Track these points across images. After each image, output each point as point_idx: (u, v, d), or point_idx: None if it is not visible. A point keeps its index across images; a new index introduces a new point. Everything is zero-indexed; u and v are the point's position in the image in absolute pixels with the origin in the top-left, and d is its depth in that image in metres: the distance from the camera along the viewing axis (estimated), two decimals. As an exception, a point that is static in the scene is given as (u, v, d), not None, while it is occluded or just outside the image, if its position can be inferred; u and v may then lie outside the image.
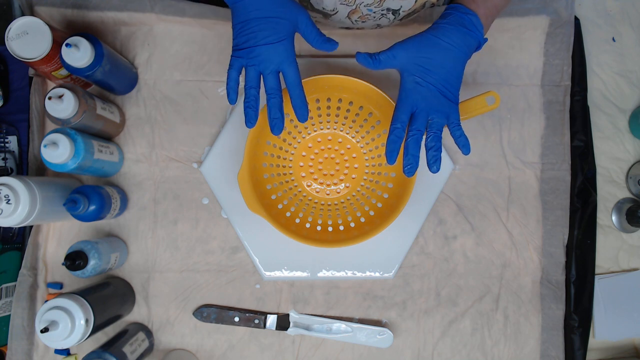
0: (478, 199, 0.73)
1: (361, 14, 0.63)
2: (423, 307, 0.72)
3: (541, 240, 0.73)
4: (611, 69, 0.76)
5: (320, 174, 0.71)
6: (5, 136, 0.72)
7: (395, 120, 0.53)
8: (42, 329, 0.55)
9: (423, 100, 0.54)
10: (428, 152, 0.53)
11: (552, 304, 0.72)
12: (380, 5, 0.61)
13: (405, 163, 0.53)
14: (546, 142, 0.73)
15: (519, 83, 0.74)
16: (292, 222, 0.67)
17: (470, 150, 0.55)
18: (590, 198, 0.72)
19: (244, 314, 0.71)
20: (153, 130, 0.72)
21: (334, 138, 0.71)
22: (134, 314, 0.71)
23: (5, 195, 0.58)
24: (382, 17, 0.64)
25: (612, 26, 0.76)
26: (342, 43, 0.73)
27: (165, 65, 0.73)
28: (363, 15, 0.63)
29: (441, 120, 0.53)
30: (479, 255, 0.72)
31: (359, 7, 0.62)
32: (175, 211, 0.72)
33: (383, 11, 0.62)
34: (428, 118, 0.53)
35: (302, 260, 0.71)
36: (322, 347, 0.71)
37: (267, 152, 0.68)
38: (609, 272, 0.74)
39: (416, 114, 0.53)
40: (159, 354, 0.70)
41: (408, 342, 0.72)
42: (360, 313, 0.72)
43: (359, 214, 0.68)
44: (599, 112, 0.75)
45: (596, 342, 0.74)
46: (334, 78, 0.63)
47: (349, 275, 0.71)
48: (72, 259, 0.61)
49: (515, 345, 0.72)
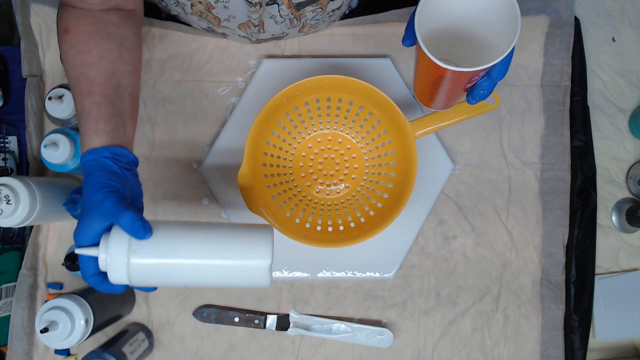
0: (478, 199, 0.73)
1: (311, 25, 0.66)
2: (423, 307, 0.72)
3: (541, 240, 0.73)
4: (611, 69, 0.76)
5: (320, 174, 0.71)
6: (5, 136, 0.72)
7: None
8: (42, 329, 0.55)
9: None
10: (477, 90, 0.52)
11: (552, 304, 0.72)
12: (324, 11, 0.62)
13: (475, 94, 0.52)
14: (546, 142, 0.73)
15: (519, 83, 0.74)
16: (292, 222, 0.67)
17: (475, 102, 0.54)
18: (590, 198, 0.72)
19: (244, 314, 0.71)
20: (153, 130, 0.72)
21: (334, 138, 0.71)
22: (134, 314, 0.71)
23: (5, 195, 0.58)
24: (330, 17, 0.66)
25: (612, 26, 0.76)
26: (342, 43, 0.74)
27: (165, 65, 0.73)
28: (313, 25, 0.66)
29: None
30: (479, 255, 0.72)
31: (306, 22, 0.64)
32: (175, 211, 0.72)
33: (329, 14, 0.64)
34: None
35: (302, 260, 0.71)
36: (322, 347, 0.71)
37: (267, 152, 0.68)
38: (609, 272, 0.74)
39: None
40: (160, 354, 0.70)
41: (408, 342, 0.72)
42: (360, 313, 0.72)
43: (359, 214, 0.68)
44: (599, 112, 0.75)
45: (596, 342, 0.74)
46: (334, 78, 0.63)
47: (349, 275, 0.71)
48: (72, 259, 0.61)
49: (515, 346, 0.72)
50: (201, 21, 0.63)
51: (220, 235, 0.50)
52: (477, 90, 0.52)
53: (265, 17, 0.60)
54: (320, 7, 0.61)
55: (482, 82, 0.51)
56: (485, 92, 0.52)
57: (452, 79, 0.50)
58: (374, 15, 0.72)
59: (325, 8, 0.62)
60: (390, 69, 0.72)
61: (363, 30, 0.73)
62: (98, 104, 0.51)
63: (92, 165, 0.50)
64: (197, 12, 0.60)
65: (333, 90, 0.66)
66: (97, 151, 0.50)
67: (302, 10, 0.60)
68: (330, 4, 0.61)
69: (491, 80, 0.51)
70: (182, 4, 0.59)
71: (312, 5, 0.60)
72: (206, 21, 0.62)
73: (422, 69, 0.53)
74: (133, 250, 0.47)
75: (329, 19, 0.67)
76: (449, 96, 0.57)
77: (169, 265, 0.48)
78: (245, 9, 0.57)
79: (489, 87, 0.51)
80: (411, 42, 0.51)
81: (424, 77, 0.54)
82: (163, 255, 0.47)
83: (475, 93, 0.52)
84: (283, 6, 0.58)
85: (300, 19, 0.62)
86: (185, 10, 0.61)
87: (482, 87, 0.51)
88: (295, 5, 0.58)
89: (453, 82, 0.51)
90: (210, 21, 0.62)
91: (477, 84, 0.52)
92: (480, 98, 0.52)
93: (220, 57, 0.73)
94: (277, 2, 0.57)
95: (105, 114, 0.51)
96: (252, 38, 0.66)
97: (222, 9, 0.58)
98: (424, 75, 0.53)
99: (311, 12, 0.61)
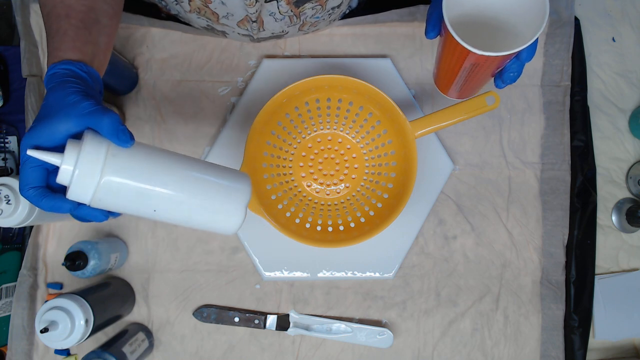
0: (478, 199, 0.73)
1: (311, 23, 0.65)
2: (423, 307, 0.72)
3: (541, 241, 0.73)
4: (611, 69, 0.76)
5: (320, 174, 0.71)
6: (5, 136, 0.72)
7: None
8: (41, 329, 0.55)
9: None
10: (506, 74, 0.53)
11: (552, 304, 0.72)
12: (324, 9, 0.62)
13: (505, 77, 0.53)
14: (546, 142, 0.73)
15: (519, 83, 0.74)
16: (292, 222, 0.67)
17: (504, 86, 0.54)
18: (590, 198, 0.72)
19: (244, 314, 0.71)
20: (153, 130, 0.72)
21: (333, 138, 0.71)
22: (134, 314, 0.71)
23: (5, 195, 0.58)
24: (330, 16, 0.66)
25: (612, 26, 0.76)
26: (342, 43, 0.74)
27: (165, 65, 0.73)
28: (313, 23, 0.65)
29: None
30: (479, 255, 0.72)
31: (306, 20, 0.64)
32: (175, 211, 0.72)
33: (328, 12, 0.64)
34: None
35: (302, 260, 0.71)
36: (322, 348, 0.71)
37: (267, 152, 0.68)
38: (609, 272, 0.74)
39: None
40: (160, 354, 0.70)
41: (408, 342, 0.72)
42: (360, 313, 0.72)
43: (359, 214, 0.68)
44: (599, 112, 0.75)
45: (596, 342, 0.74)
46: (334, 78, 0.63)
47: (349, 275, 0.71)
48: (72, 260, 0.61)
49: (515, 346, 0.72)
50: (200, 19, 0.63)
51: (201, 170, 0.46)
52: (506, 74, 0.53)
53: (264, 15, 0.60)
54: (319, 3, 0.61)
55: (511, 65, 0.52)
56: (515, 75, 0.53)
57: (485, 65, 0.51)
58: (374, 15, 0.72)
59: (325, 5, 0.62)
60: (390, 69, 0.72)
61: (363, 30, 0.73)
62: (76, 27, 0.46)
63: (68, 73, 0.44)
64: (195, 8, 0.60)
65: (333, 90, 0.66)
66: (74, 63, 0.44)
67: (302, 7, 0.60)
68: (329, 1, 0.61)
69: (520, 62, 0.51)
70: (181, 1, 0.59)
71: (312, 2, 0.60)
72: (205, 18, 0.62)
73: (449, 58, 0.53)
74: (108, 165, 0.40)
75: (329, 18, 0.67)
76: (478, 83, 0.57)
77: (142, 190, 0.42)
78: (242, 3, 0.57)
79: (518, 69, 0.52)
80: (435, 34, 0.52)
81: (452, 67, 0.54)
82: (140, 176, 0.42)
83: (505, 76, 0.53)
84: (282, 2, 0.58)
85: (300, 16, 0.62)
86: (184, 7, 0.61)
87: (512, 70, 0.52)
88: (294, 1, 0.58)
89: (485, 68, 0.52)
90: (209, 18, 0.62)
91: (505, 67, 0.53)
92: (511, 81, 0.53)
93: (220, 57, 0.73)
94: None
95: (82, 37, 0.46)
96: (253, 36, 0.66)
97: (220, 5, 0.58)
98: (452, 64, 0.53)
99: (311, 9, 0.61)
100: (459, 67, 0.53)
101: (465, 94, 0.62)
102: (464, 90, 0.60)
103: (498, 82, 0.54)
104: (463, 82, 0.57)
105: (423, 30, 0.55)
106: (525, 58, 0.50)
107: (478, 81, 0.57)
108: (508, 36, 0.53)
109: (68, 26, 0.46)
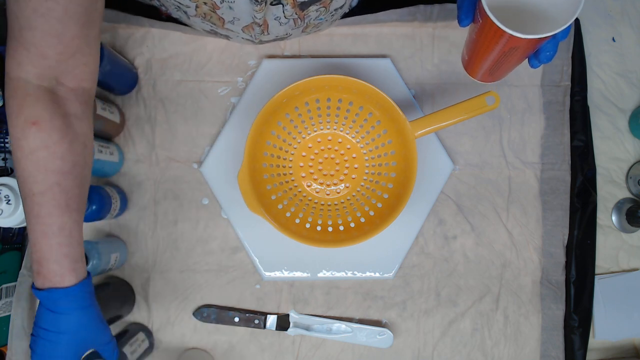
0: (478, 199, 0.73)
1: (314, 25, 0.65)
2: (423, 307, 0.72)
3: (541, 241, 0.73)
4: (611, 69, 0.76)
5: (320, 174, 0.71)
6: (5, 136, 0.72)
7: None
8: (42, 329, 0.55)
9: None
10: (542, 53, 0.53)
11: (552, 304, 0.72)
12: (328, 10, 0.62)
13: (541, 57, 0.53)
14: (546, 142, 0.73)
15: (519, 83, 0.74)
16: (292, 222, 0.67)
17: (539, 65, 0.55)
18: (590, 198, 0.72)
19: (244, 314, 0.71)
20: (153, 130, 0.72)
21: (334, 138, 0.71)
22: (134, 314, 0.71)
23: (6, 195, 0.58)
24: (333, 17, 0.66)
25: (612, 26, 0.76)
26: (342, 43, 0.74)
27: (165, 65, 0.73)
28: (316, 24, 0.66)
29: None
30: (479, 255, 0.72)
31: (310, 22, 0.64)
32: (175, 211, 0.72)
33: (331, 13, 0.64)
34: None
35: (302, 260, 0.71)
36: (322, 348, 0.71)
37: (267, 152, 0.69)
38: (609, 272, 0.74)
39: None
40: (160, 354, 0.70)
41: (408, 342, 0.72)
42: (360, 313, 0.72)
43: (359, 214, 0.68)
44: (599, 112, 0.75)
45: (596, 342, 0.74)
46: (334, 78, 0.63)
47: (349, 275, 0.71)
48: (72, 259, 0.61)
49: (515, 346, 0.72)
50: (204, 23, 0.63)
51: None
52: (543, 54, 0.53)
53: (269, 19, 0.60)
54: (324, 6, 0.61)
55: (547, 45, 0.52)
56: (551, 54, 0.53)
57: (523, 47, 0.51)
58: (374, 15, 0.73)
59: (329, 7, 0.62)
60: (390, 69, 0.72)
61: (363, 30, 0.73)
62: (77, 222, 0.49)
63: (88, 296, 0.51)
64: (201, 13, 0.60)
65: (333, 90, 0.66)
66: (88, 282, 0.51)
67: (307, 10, 0.60)
68: (333, 3, 0.61)
69: (556, 41, 0.52)
70: (185, 7, 0.59)
71: (316, 4, 0.60)
72: (209, 23, 0.62)
73: (486, 44, 0.53)
74: None
75: (332, 18, 0.67)
76: (511, 65, 0.58)
77: None
78: (249, 9, 0.57)
79: (554, 48, 0.52)
80: (469, 21, 0.53)
81: (489, 52, 0.54)
82: None
83: (542, 56, 0.53)
84: (288, 6, 0.58)
85: (304, 19, 0.62)
86: (189, 13, 0.61)
87: (548, 49, 0.52)
88: (299, 4, 0.58)
89: (523, 51, 0.52)
90: (214, 23, 0.62)
91: (541, 47, 0.53)
92: (547, 60, 0.53)
93: (220, 57, 0.73)
94: (281, 2, 0.57)
95: (81, 232, 0.50)
96: (255, 40, 0.66)
97: (227, 10, 0.58)
98: (490, 49, 0.53)
99: (315, 11, 0.61)
100: (498, 52, 0.53)
101: (498, 77, 0.62)
102: (498, 73, 0.60)
103: (534, 62, 0.55)
104: (499, 66, 0.57)
105: (423, 31, 0.55)
106: (561, 37, 0.51)
107: (512, 64, 0.57)
108: (538, 19, 0.54)
109: (72, 224, 0.49)
